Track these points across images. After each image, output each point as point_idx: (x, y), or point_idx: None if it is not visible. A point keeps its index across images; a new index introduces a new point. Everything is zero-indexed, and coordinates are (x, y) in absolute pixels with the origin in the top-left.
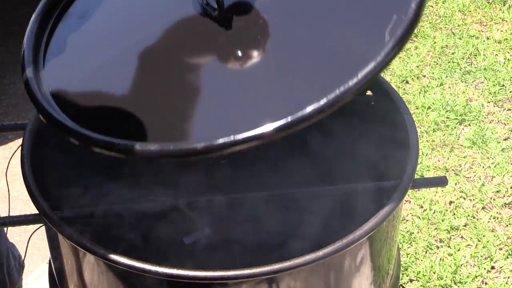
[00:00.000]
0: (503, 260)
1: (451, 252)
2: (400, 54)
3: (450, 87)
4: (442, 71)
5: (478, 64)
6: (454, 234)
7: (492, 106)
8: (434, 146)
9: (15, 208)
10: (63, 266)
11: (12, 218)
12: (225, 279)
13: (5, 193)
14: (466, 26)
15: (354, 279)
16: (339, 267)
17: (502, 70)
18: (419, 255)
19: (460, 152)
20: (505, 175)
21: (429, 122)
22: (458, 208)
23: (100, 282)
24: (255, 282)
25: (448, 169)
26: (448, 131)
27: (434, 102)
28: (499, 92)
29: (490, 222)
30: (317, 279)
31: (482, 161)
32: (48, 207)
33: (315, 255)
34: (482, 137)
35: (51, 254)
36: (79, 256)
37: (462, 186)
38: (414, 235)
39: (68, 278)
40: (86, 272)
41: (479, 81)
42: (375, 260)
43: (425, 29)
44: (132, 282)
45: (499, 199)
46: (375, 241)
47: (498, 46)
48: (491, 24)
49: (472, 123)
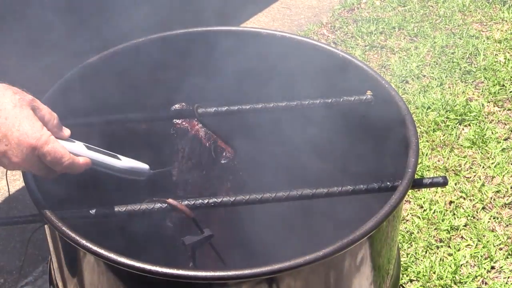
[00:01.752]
0: (503, 260)
1: (451, 252)
2: (400, 53)
3: (450, 87)
4: (442, 71)
5: (478, 64)
6: (454, 234)
7: (492, 106)
8: (434, 146)
9: (15, 208)
10: (63, 266)
11: (12, 218)
12: (225, 279)
13: (5, 193)
14: (466, 26)
15: (354, 279)
16: (339, 267)
17: (502, 70)
18: (419, 255)
19: (460, 152)
20: (505, 175)
21: (429, 122)
22: (458, 208)
23: (100, 282)
24: (255, 282)
25: (448, 169)
26: (448, 131)
27: (434, 102)
28: (499, 92)
29: (490, 222)
30: (317, 279)
31: (482, 161)
32: (48, 207)
33: (315, 255)
34: (482, 137)
35: (51, 254)
36: (79, 256)
37: (462, 186)
38: (414, 235)
39: (68, 278)
40: (86, 272)
41: (479, 81)
42: (375, 260)
43: (425, 29)
44: (132, 282)
45: (499, 199)
46: (375, 241)
47: (498, 46)
48: (491, 24)
49: (472, 123)
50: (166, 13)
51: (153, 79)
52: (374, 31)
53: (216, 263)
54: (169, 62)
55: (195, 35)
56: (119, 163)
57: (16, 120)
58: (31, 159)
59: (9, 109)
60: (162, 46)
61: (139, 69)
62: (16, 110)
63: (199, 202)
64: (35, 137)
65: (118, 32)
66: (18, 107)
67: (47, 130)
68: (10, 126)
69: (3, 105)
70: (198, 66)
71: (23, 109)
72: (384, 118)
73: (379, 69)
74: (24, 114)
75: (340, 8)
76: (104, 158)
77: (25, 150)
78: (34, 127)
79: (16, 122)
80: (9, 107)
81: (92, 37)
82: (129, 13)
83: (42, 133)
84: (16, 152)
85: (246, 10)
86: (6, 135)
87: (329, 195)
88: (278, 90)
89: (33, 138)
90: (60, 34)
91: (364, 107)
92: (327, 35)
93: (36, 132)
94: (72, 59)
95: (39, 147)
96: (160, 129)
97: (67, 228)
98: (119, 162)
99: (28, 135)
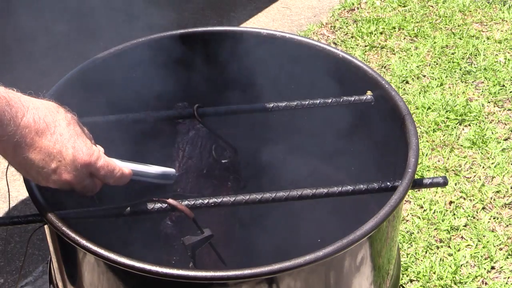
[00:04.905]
0: (503, 260)
1: (451, 252)
2: (400, 54)
3: (450, 87)
4: (442, 71)
5: (478, 64)
6: (454, 234)
7: (492, 106)
8: (434, 146)
9: (15, 208)
10: (63, 266)
11: (12, 218)
12: (225, 279)
13: (5, 193)
14: (466, 26)
15: (354, 279)
16: (339, 267)
17: (502, 70)
18: (419, 255)
19: (460, 152)
20: (505, 175)
21: (429, 122)
22: (458, 208)
23: (100, 282)
24: (255, 282)
25: (448, 169)
26: (448, 131)
27: (434, 102)
28: (499, 92)
29: (490, 222)
30: (317, 279)
31: (482, 161)
32: (48, 207)
33: (315, 255)
34: (482, 137)
35: (51, 254)
36: (79, 256)
37: (462, 186)
38: (414, 235)
39: (68, 278)
40: (86, 272)
41: (479, 81)
42: (375, 260)
43: (425, 29)
44: (132, 282)
45: (499, 199)
46: (375, 241)
47: (498, 46)
48: (491, 24)
49: (472, 123)
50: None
51: (153, 79)
52: (374, 31)
53: (216, 263)
54: (169, 62)
55: (195, 35)
56: (153, 170)
57: (71, 137)
58: (82, 175)
59: (63, 126)
60: (162, 47)
61: (139, 70)
62: (70, 127)
63: (199, 202)
64: (89, 154)
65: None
66: (71, 125)
67: (96, 147)
68: (65, 142)
69: (58, 122)
70: (198, 66)
71: (76, 127)
72: (384, 118)
73: (379, 69)
74: (77, 131)
75: (340, 8)
76: (140, 167)
77: (79, 166)
78: (87, 144)
79: (71, 139)
80: (63, 124)
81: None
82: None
83: (94, 150)
84: (70, 169)
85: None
86: (61, 151)
87: (329, 195)
88: (278, 90)
89: (87, 155)
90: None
91: (364, 107)
92: (327, 35)
93: (89, 148)
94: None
95: (93, 163)
96: (160, 129)
97: (67, 228)
98: (153, 169)
99: (83, 152)
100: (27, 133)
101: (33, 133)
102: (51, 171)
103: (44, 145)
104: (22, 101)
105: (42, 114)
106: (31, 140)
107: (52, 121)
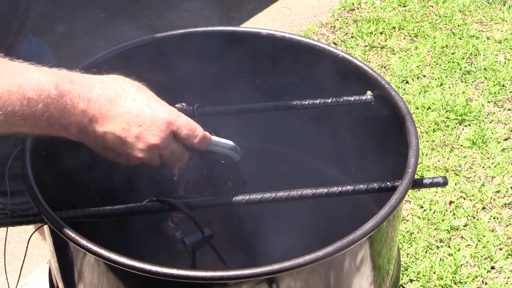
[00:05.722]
0: (503, 260)
1: (451, 252)
2: (400, 54)
3: (450, 87)
4: (442, 71)
5: (478, 64)
6: (454, 234)
7: (492, 106)
8: (434, 146)
9: None
10: (63, 266)
11: (12, 218)
12: (225, 279)
13: None
14: (466, 26)
15: (354, 279)
16: (339, 267)
17: (502, 70)
18: (419, 255)
19: (460, 152)
20: (505, 175)
21: (429, 122)
22: (458, 208)
23: (100, 282)
24: (255, 282)
25: (448, 169)
26: (448, 131)
27: (434, 102)
28: (499, 92)
29: (490, 222)
30: (317, 279)
31: (482, 161)
32: (48, 207)
33: (315, 255)
34: (482, 137)
35: (51, 254)
36: (79, 256)
37: (462, 186)
38: (414, 235)
39: (68, 278)
40: (86, 272)
41: (479, 81)
42: (375, 260)
43: (425, 29)
44: (132, 282)
45: (499, 199)
46: (375, 241)
47: (498, 46)
48: (491, 24)
49: (472, 123)
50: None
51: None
52: (374, 31)
53: (216, 263)
54: (169, 63)
55: (194, 35)
56: (228, 141)
57: (145, 100)
58: (167, 137)
59: (134, 91)
60: (161, 47)
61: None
62: (141, 91)
63: (199, 202)
64: (167, 112)
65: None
66: (142, 89)
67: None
68: (140, 105)
69: (128, 89)
70: (197, 66)
71: (147, 91)
72: (384, 118)
73: (379, 69)
74: (150, 94)
75: (340, 8)
76: (216, 137)
77: (161, 126)
78: (162, 103)
79: (145, 102)
80: (133, 90)
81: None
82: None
83: (172, 108)
84: (153, 130)
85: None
86: (138, 114)
87: (329, 195)
88: (278, 90)
89: (166, 113)
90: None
91: (364, 107)
92: (327, 35)
93: (166, 107)
94: None
95: (174, 121)
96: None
97: (67, 228)
98: (226, 140)
99: (161, 110)
100: (100, 105)
101: (107, 104)
102: (135, 138)
103: (120, 113)
104: (86, 78)
105: (110, 85)
106: (105, 111)
107: (122, 89)
